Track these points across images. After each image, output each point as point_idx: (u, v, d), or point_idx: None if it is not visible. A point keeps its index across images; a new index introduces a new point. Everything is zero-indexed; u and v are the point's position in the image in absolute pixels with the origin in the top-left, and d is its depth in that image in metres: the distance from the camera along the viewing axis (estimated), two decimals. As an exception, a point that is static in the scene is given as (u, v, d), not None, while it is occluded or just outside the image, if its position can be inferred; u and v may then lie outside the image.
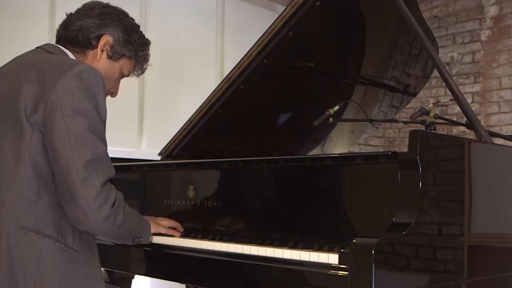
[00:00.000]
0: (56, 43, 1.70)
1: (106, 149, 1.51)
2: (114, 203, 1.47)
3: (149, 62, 1.84)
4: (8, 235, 1.42)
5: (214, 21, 4.33)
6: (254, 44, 2.23)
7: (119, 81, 1.78)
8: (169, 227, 1.83)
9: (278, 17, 2.17)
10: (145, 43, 1.79)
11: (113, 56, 1.70)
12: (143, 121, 3.85)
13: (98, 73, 1.50)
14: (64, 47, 1.66)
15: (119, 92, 1.81)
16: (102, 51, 1.68)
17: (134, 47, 1.73)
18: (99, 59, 1.68)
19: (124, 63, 1.73)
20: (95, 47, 1.67)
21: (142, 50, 1.77)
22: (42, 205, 1.45)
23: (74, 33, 1.65)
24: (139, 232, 1.66)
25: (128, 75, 1.80)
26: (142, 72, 1.84)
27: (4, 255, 1.41)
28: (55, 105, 1.42)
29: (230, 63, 4.06)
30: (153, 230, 1.76)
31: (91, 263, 1.52)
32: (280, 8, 4.58)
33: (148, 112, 3.87)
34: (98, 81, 1.50)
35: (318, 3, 2.09)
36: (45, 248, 1.43)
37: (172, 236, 1.81)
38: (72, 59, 1.62)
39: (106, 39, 1.67)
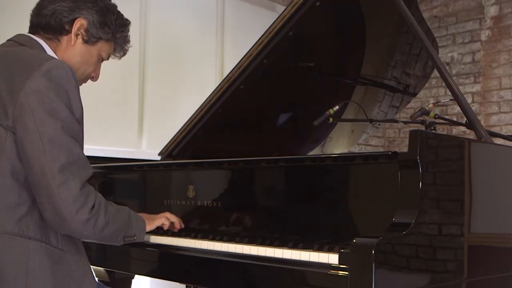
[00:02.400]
0: (29, 29, 1.62)
1: (82, 149, 1.46)
2: (93, 206, 1.43)
3: (130, 44, 1.74)
4: None
5: (214, 21, 4.33)
6: (254, 44, 2.23)
7: (99, 65, 1.71)
8: (168, 221, 1.79)
9: (278, 17, 2.17)
10: (124, 23, 1.70)
11: (89, 40, 1.61)
12: (143, 121, 3.85)
13: (68, 68, 1.44)
14: (37, 34, 1.59)
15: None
16: (77, 35, 1.60)
17: (111, 29, 1.65)
18: (74, 45, 1.60)
19: (102, 46, 1.65)
20: (69, 32, 1.59)
21: (120, 32, 1.69)
22: (24, 208, 1.42)
23: (47, 19, 1.57)
24: (130, 231, 1.60)
25: (108, 58, 1.72)
26: (124, 54, 1.75)
27: None
28: (24, 108, 1.37)
29: (230, 63, 4.06)
30: (149, 228, 1.71)
31: (78, 259, 1.50)
32: (280, 8, 4.58)
33: (148, 112, 3.87)
34: (69, 77, 1.43)
35: (318, 3, 2.09)
36: (32, 251, 1.41)
37: (165, 233, 1.77)
38: (42, 53, 1.54)
39: (80, 23, 1.59)
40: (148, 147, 3.80)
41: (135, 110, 3.79)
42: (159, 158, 2.67)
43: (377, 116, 2.78)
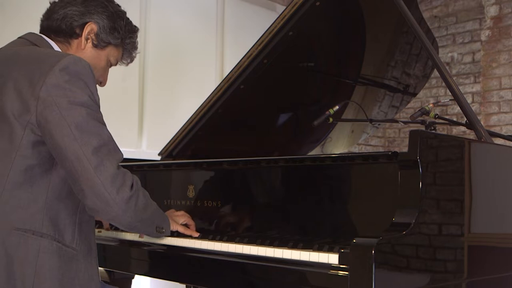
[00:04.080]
0: (40, 32, 1.64)
1: (109, 132, 1.47)
2: (132, 185, 1.43)
3: (138, 50, 1.78)
4: (4, 238, 1.39)
5: (214, 21, 4.33)
6: (254, 44, 2.23)
7: (107, 70, 1.73)
8: (186, 227, 1.79)
9: (278, 17, 2.17)
10: (133, 30, 1.73)
11: (99, 44, 1.64)
12: (143, 121, 3.85)
13: (85, 63, 1.46)
14: (48, 37, 1.61)
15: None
16: (87, 39, 1.63)
17: (120, 35, 1.68)
18: (84, 48, 1.63)
19: (110, 51, 1.68)
20: (79, 35, 1.62)
21: (129, 38, 1.72)
22: (38, 204, 1.42)
23: (58, 22, 1.60)
24: (161, 222, 1.62)
25: (116, 64, 1.75)
26: (131, 61, 1.78)
27: (1, 259, 1.39)
28: (48, 102, 1.38)
29: (230, 63, 4.06)
30: (171, 227, 1.72)
31: (88, 261, 1.50)
32: (280, 8, 4.58)
33: (148, 112, 3.87)
34: (87, 71, 1.45)
35: (318, 3, 2.09)
36: (42, 249, 1.41)
37: (189, 236, 1.76)
38: (56, 51, 1.56)
39: (91, 27, 1.62)
40: (148, 147, 3.80)
41: (135, 110, 3.79)
42: (159, 158, 2.67)
43: (377, 116, 2.78)
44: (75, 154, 1.38)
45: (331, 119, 2.26)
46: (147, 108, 3.87)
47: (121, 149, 1.50)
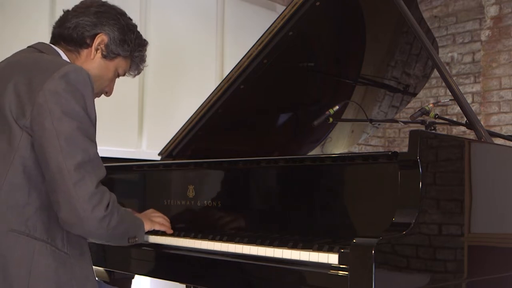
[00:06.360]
0: (50, 40, 1.67)
1: (97, 150, 1.49)
2: (108, 205, 1.44)
3: (146, 63, 1.82)
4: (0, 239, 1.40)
5: (214, 21, 4.33)
6: (254, 44, 2.23)
7: (114, 81, 1.76)
8: (163, 224, 1.83)
9: (278, 17, 2.17)
10: (142, 43, 1.77)
11: (108, 55, 1.67)
12: (143, 121, 3.85)
13: (86, 74, 1.48)
14: (58, 45, 1.64)
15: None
16: (97, 50, 1.66)
17: (129, 47, 1.71)
18: (93, 58, 1.66)
19: (119, 63, 1.72)
20: (90, 46, 1.65)
21: (138, 51, 1.75)
22: (32, 208, 1.43)
23: (69, 31, 1.63)
24: (134, 232, 1.63)
25: (124, 75, 1.78)
26: (138, 73, 1.82)
27: None
28: (43, 109, 1.40)
29: (230, 63, 4.06)
30: (147, 227, 1.74)
31: (82, 263, 1.51)
32: (280, 8, 4.58)
33: (148, 112, 3.87)
34: (86, 82, 1.47)
35: (318, 3, 2.09)
36: (36, 251, 1.42)
37: (165, 233, 1.82)
38: (60, 59, 1.59)
39: (101, 38, 1.65)
40: (148, 147, 3.80)
41: (135, 110, 3.79)
42: (159, 158, 2.67)
43: (377, 116, 2.78)
44: (57, 166, 1.39)
45: (331, 119, 2.26)
46: (147, 108, 3.87)
47: (121, 149, 1.51)
